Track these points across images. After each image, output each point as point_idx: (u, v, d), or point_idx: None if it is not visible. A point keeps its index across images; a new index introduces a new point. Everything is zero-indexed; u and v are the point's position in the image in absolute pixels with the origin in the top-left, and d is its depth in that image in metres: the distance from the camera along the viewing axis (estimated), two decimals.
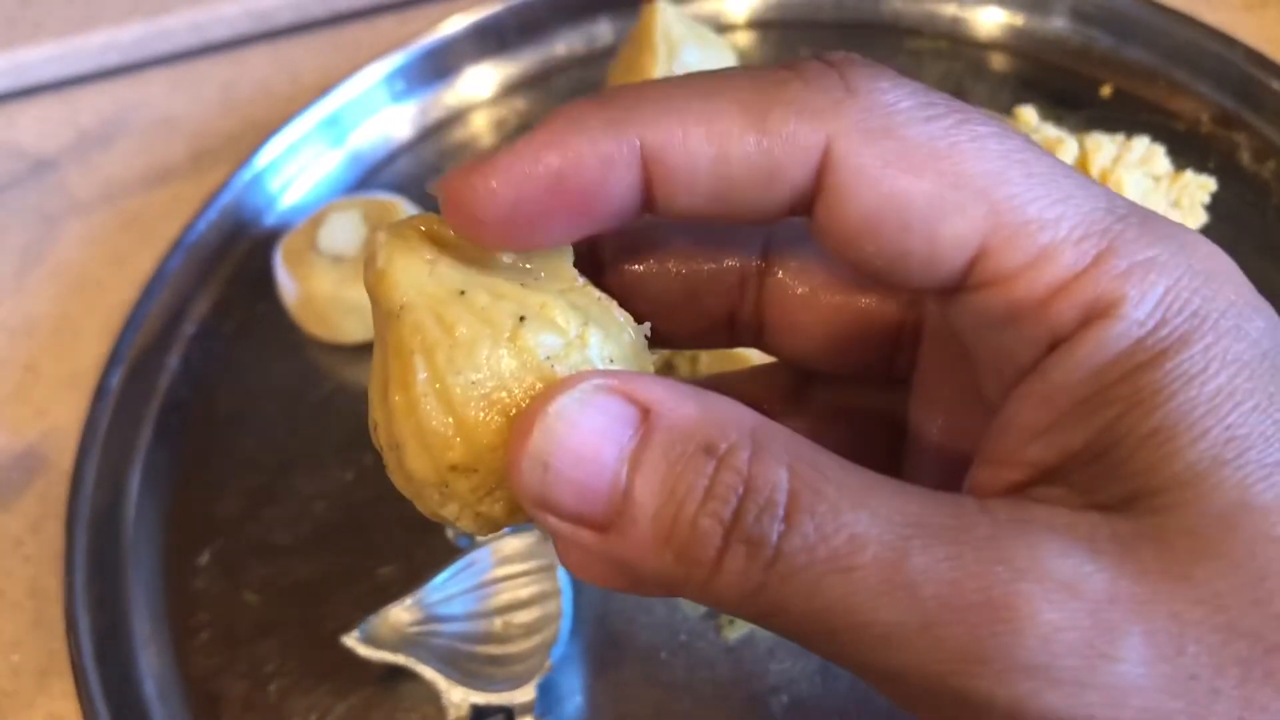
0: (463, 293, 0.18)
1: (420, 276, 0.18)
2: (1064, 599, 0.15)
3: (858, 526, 0.16)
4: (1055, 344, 0.17)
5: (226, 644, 0.42)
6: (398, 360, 0.18)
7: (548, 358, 0.18)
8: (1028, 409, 0.18)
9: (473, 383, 0.18)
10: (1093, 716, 0.15)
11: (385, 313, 0.19)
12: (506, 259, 0.19)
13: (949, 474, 0.20)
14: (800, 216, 0.19)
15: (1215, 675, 0.15)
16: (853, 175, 0.17)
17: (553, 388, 0.17)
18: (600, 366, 0.18)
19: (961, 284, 0.18)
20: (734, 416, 0.17)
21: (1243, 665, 0.15)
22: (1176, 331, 0.17)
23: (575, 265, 0.20)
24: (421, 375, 0.18)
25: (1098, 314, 0.17)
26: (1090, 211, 0.17)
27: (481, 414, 0.18)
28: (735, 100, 0.18)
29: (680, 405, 0.17)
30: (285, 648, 0.41)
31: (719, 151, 0.17)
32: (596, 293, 0.20)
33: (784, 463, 0.16)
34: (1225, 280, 0.18)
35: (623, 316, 0.20)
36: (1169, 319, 0.17)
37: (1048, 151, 0.18)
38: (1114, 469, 0.17)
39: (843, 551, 0.16)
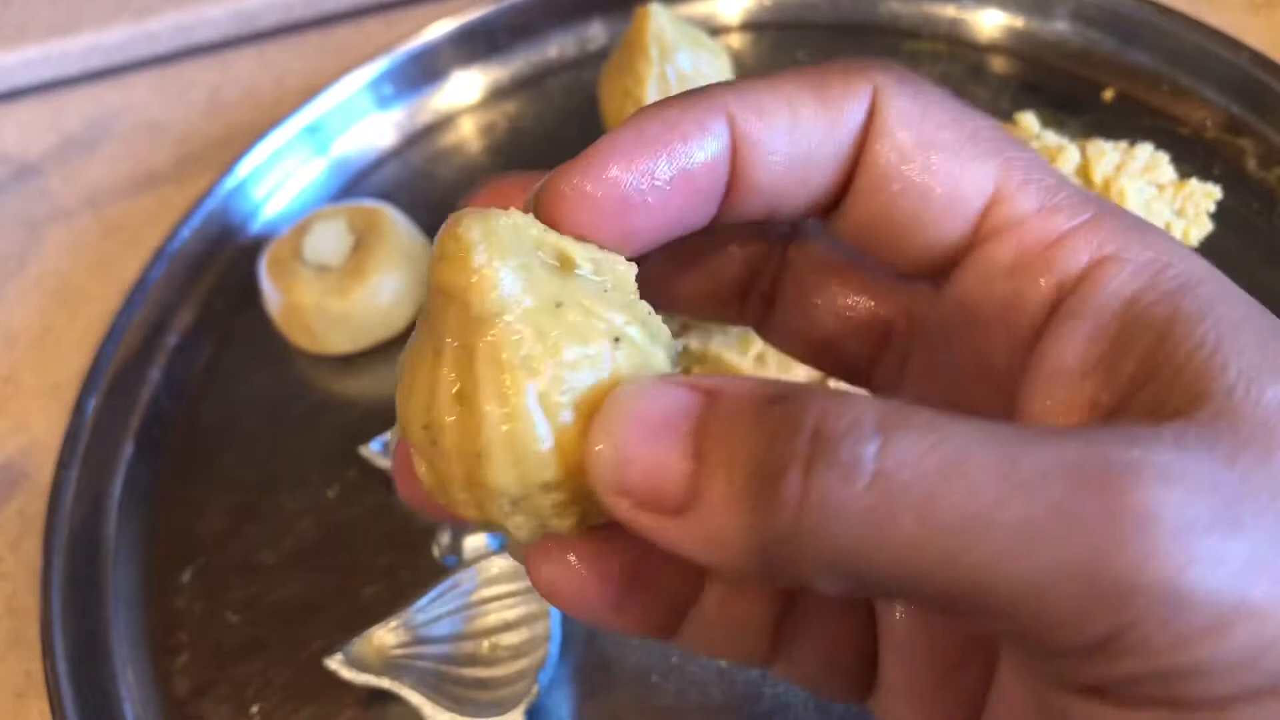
0: (559, 305, 0.18)
1: (519, 283, 0.18)
2: (1175, 484, 0.15)
3: (960, 437, 0.15)
4: (1063, 291, 0.18)
5: (208, 665, 0.41)
6: (491, 368, 0.17)
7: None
8: (1072, 349, 0.18)
9: (575, 403, 0.17)
10: (1243, 589, 0.15)
11: (473, 314, 0.18)
12: (584, 269, 0.19)
13: None
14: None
15: None
16: (895, 114, 0.19)
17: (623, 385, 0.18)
18: None
19: (974, 237, 0.19)
20: (797, 384, 0.17)
21: None
22: (1184, 273, 0.18)
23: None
24: (529, 390, 0.17)
25: (1104, 259, 0.18)
26: (1076, 189, 0.20)
27: (578, 435, 0.18)
28: (798, 77, 0.20)
29: (742, 382, 0.17)
30: (268, 669, 0.40)
31: (791, 113, 0.19)
32: (646, 306, 0.19)
33: (860, 396, 0.16)
34: (1196, 257, 0.19)
35: (666, 331, 0.20)
36: (1174, 263, 0.18)
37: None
38: (1171, 382, 0.17)
39: (953, 459, 0.15)
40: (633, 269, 0.19)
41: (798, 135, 0.19)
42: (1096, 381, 0.18)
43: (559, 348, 0.18)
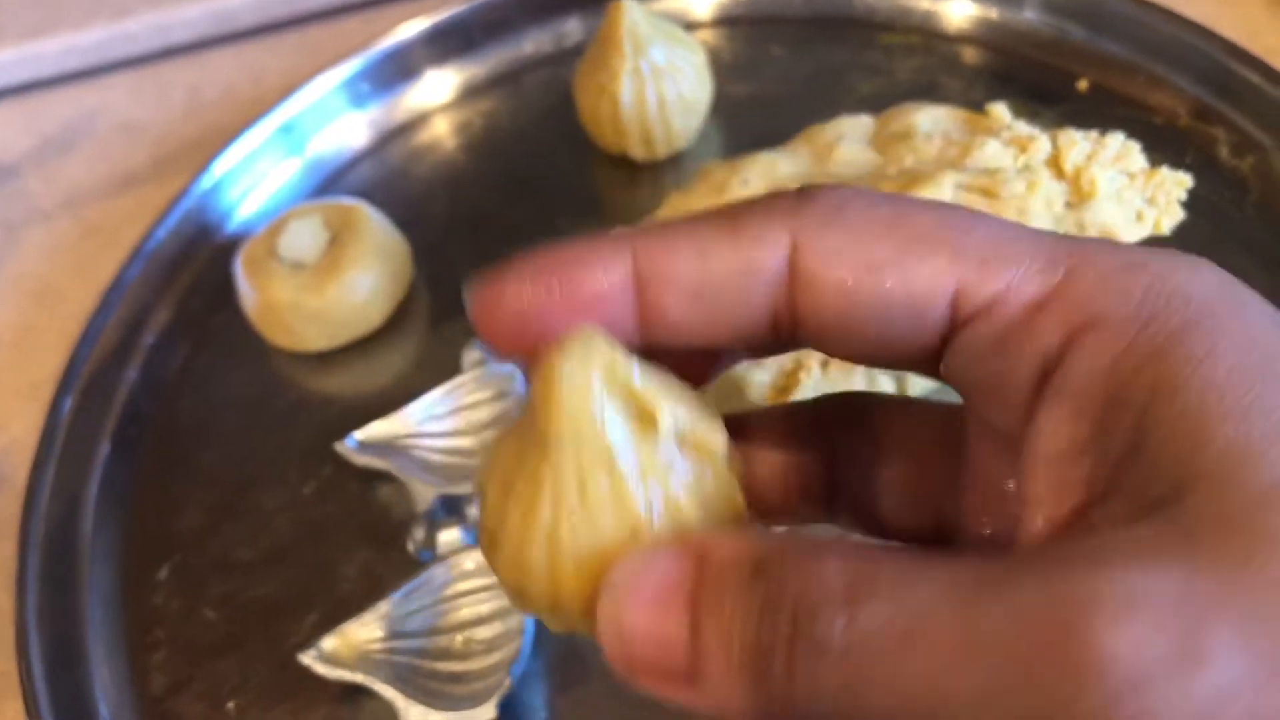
0: (614, 457, 0.19)
1: (584, 421, 0.18)
2: (1135, 616, 0.15)
3: (920, 599, 0.16)
4: (1048, 365, 0.18)
5: (184, 662, 0.41)
6: (528, 483, 0.19)
7: None
8: (1060, 431, 0.18)
9: (582, 549, 0.18)
10: None
11: (539, 428, 0.19)
12: (665, 429, 0.19)
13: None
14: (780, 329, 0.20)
15: None
16: (819, 256, 0.19)
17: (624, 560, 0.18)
18: None
19: (950, 329, 0.19)
20: (782, 537, 0.17)
21: None
22: (1172, 321, 0.17)
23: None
24: (545, 517, 0.19)
25: (1082, 326, 0.18)
26: (1046, 242, 0.19)
27: (576, 576, 0.18)
28: (713, 217, 0.20)
29: (731, 539, 0.18)
30: (244, 666, 0.40)
31: (699, 252, 0.19)
32: (729, 488, 0.20)
33: (833, 555, 0.16)
34: (1204, 265, 0.18)
35: (742, 504, 0.20)
36: (1159, 312, 0.17)
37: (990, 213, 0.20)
38: (1153, 464, 0.16)
39: (913, 628, 0.15)
40: (723, 442, 0.20)
41: (707, 267, 0.20)
42: (1088, 463, 0.17)
43: (588, 494, 0.18)
